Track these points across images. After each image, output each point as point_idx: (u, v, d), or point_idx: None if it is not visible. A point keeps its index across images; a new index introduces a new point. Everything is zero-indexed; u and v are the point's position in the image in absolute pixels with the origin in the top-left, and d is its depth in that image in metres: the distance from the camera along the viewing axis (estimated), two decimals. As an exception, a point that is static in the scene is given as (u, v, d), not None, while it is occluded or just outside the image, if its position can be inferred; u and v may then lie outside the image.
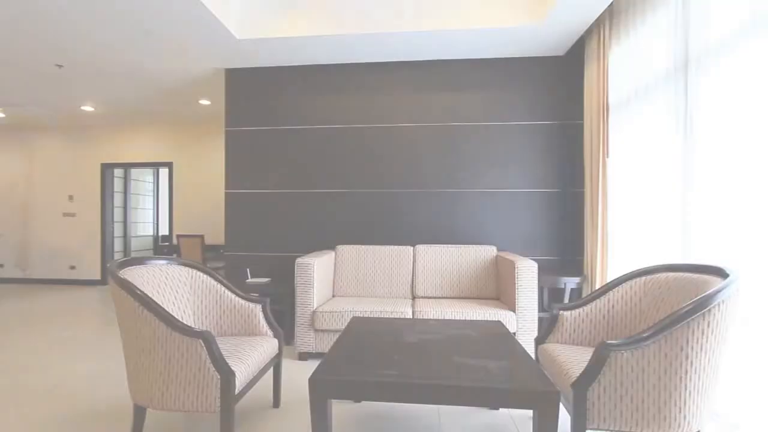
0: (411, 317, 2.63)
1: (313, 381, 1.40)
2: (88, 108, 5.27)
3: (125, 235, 6.99)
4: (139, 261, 1.83)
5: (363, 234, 3.60)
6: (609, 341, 1.39)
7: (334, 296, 3.25)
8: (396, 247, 3.34)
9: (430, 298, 3.17)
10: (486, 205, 3.51)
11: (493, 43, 3.27)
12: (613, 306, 1.94)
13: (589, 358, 1.46)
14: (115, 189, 6.57)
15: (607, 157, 2.90)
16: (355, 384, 1.40)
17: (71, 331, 3.61)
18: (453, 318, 2.65)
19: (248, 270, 3.42)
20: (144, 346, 1.58)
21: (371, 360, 1.57)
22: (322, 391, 1.41)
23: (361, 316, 2.68)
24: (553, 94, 3.48)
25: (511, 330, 2.67)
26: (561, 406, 1.39)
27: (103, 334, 3.55)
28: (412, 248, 3.34)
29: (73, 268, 6.27)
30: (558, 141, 3.48)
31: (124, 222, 6.97)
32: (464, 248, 3.27)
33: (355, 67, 3.64)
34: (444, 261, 3.23)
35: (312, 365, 2.76)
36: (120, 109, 5.32)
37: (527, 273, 2.68)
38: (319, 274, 2.88)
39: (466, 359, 1.57)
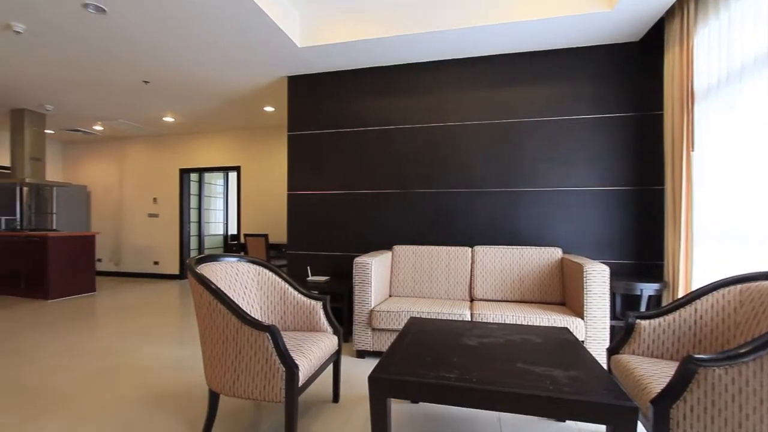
0: (469, 320, 2.57)
1: (372, 379, 1.42)
2: (168, 119, 5.82)
3: (199, 234, 7.61)
4: (214, 258, 1.98)
5: (420, 234, 3.58)
6: (697, 355, 1.25)
7: (390, 296, 3.27)
8: (453, 247, 3.28)
9: (489, 300, 3.08)
10: (550, 204, 3.33)
11: (558, 33, 3.09)
12: (701, 316, 1.74)
13: (671, 372, 1.33)
14: (191, 192, 7.18)
15: (693, 150, 2.61)
16: (414, 384, 1.40)
17: (156, 320, 4.00)
18: (514, 322, 2.55)
19: (308, 268, 3.56)
20: (218, 336, 1.71)
21: (430, 361, 1.55)
22: (381, 389, 1.42)
23: (418, 316, 2.67)
24: (626, 84, 3.21)
25: (579, 338, 2.50)
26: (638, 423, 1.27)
27: (182, 323, 3.89)
28: (470, 249, 3.26)
29: (156, 263, 6.96)
30: (632, 134, 3.20)
31: (199, 222, 7.60)
32: (526, 250, 3.12)
33: (412, 67, 3.64)
34: (504, 263, 3.11)
35: (369, 363, 2.81)
36: (195, 118, 5.82)
37: (597, 277, 2.50)
38: (376, 274, 2.91)
39: (531, 366, 1.50)
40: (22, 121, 5.32)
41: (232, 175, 8.42)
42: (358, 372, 2.65)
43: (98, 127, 6.39)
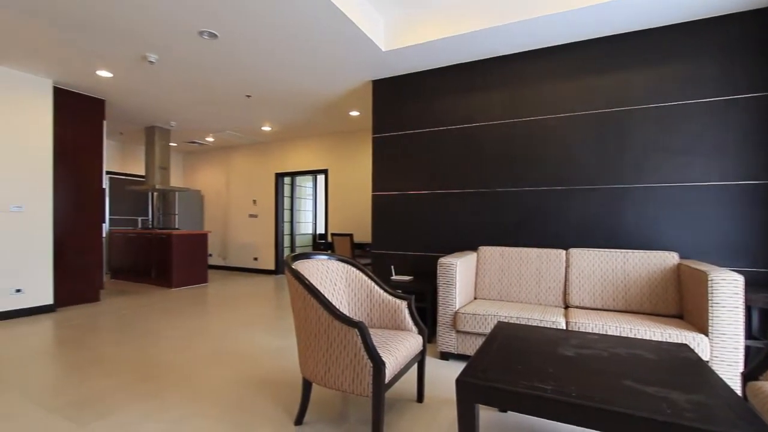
0: (564, 328, 2.37)
1: (461, 383, 1.39)
2: (266, 127, 6.40)
3: (292, 233, 8.23)
4: (307, 255, 2.12)
5: (505, 235, 3.42)
6: None
7: (476, 298, 3.17)
8: (545, 250, 3.06)
9: (587, 308, 2.81)
10: (661, 202, 2.93)
11: (673, 5, 2.71)
12: None
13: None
14: (285, 194, 7.79)
15: None
16: (505, 392, 1.33)
17: (256, 310, 4.42)
18: (618, 334, 2.29)
19: (392, 267, 3.62)
20: (311, 329, 1.82)
21: (522, 369, 1.47)
22: (469, 394, 1.38)
23: (506, 321, 2.55)
24: (761, 59, 2.69)
25: (702, 357, 2.16)
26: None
27: (279, 315, 4.24)
28: (564, 252, 3.02)
29: (256, 259, 7.69)
30: (773, 118, 2.67)
31: (291, 222, 8.22)
32: (632, 254, 2.79)
33: (495, 62, 3.49)
34: (605, 268, 2.82)
35: (454, 365, 2.76)
36: (288, 126, 6.30)
37: (727, 288, 2.13)
38: (461, 275, 2.85)
39: (641, 385, 1.33)
40: (153, 137, 6.29)
41: (320, 178, 8.95)
42: (442, 374, 2.62)
43: (210, 138, 7.28)
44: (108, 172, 7.39)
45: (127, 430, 1.90)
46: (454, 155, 3.65)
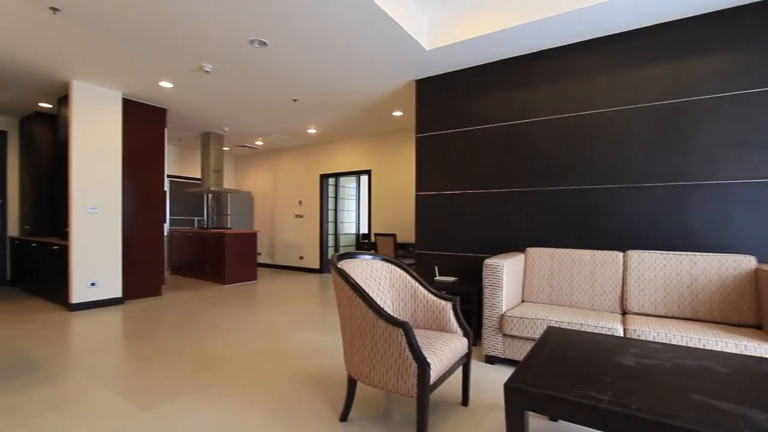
0: (622, 335, 2.23)
1: (509, 388, 1.34)
2: (311, 130, 6.58)
3: (335, 233, 8.39)
4: (352, 255, 2.15)
5: (554, 236, 3.27)
6: None
7: (523, 301, 3.06)
8: (600, 252, 2.89)
9: (648, 315, 2.62)
10: (734, 201, 2.66)
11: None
12: None
13: None
14: (329, 195, 7.97)
15: None
16: (557, 400, 1.27)
17: (302, 307, 4.56)
18: (685, 344, 2.11)
19: (436, 268, 3.59)
20: (356, 327, 1.84)
21: (575, 377, 1.39)
22: (518, 400, 1.33)
23: (557, 326, 2.43)
24: None
25: (785, 373, 1.93)
26: None
27: (324, 312, 4.34)
28: (621, 254, 2.83)
29: (301, 258, 7.93)
30: None
31: (335, 222, 8.39)
32: (702, 257, 2.56)
33: (544, 55, 3.34)
34: (669, 272, 2.61)
35: (500, 370, 2.68)
36: (332, 128, 6.44)
37: (815, 296, 1.89)
38: (508, 277, 2.76)
39: (713, 400, 1.21)
40: (208, 142, 6.68)
41: (364, 178, 9.06)
42: (488, 378, 2.56)
43: (259, 142, 7.61)
44: (168, 176, 7.95)
45: (186, 415, 2.03)
46: (500, 153, 3.55)
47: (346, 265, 2.05)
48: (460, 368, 2.66)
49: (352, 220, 9.03)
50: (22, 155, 5.88)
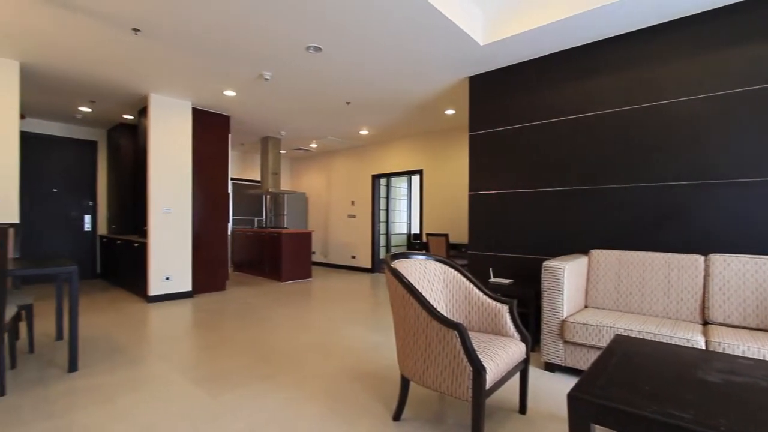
0: (703, 348, 2.01)
1: (573, 399, 1.26)
2: (363, 131, 6.68)
3: (387, 233, 8.46)
4: (405, 255, 2.15)
5: (620, 237, 3.03)
6: None
7: (586, 307, 2.87)
8: (676, 255, 2.63)
9: (735, 327, 2.34)
10: None
11: None
12: None
13: None
14: (381, 195, 8.05)
15: None
16: (629, 415, 1.17)
17: (355, 305, 4.65)
18: (781, 361, 1.86)
19: (490, 269, 3.48)
20: (409, 327, 1.84)
21: (649, 391, 1.28)
22: (583, 412, 1.25)
23: (625, 335, 2.25)
24: None
25: None
26: None
27: (376, 311, 4.39)
28: (702, 258, 2.55)
29: (354, 257, 8.09)
30: None
31: (387, 222, 8.46)
32: (800, 263, 2.24)
33: (605, 44, 3.11)
34: (761, 279, 2.31)
35: (561, 379, 2.54)
36: (384, 128, 6.50)
37: None
38: (569, 281, 2.61)
39: (824, 428, 1.05)
40: (267, 145, 7.03)
41: (415, 178, 9.04)
42: (547, 386, 2.43)
43: (313, 145, 7.88)
44: (231, 179, 8.49)
45: (247, 404, 2.15)
46: (560, 150, 3.36)
47: (399, 264, 2.06)
48: (518, 374, 2.55)
49: (403, 220, 9.04)
50: (109, 162, 6.58)
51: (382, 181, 8.20)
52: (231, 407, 2.13)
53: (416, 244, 6.58)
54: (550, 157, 3.41)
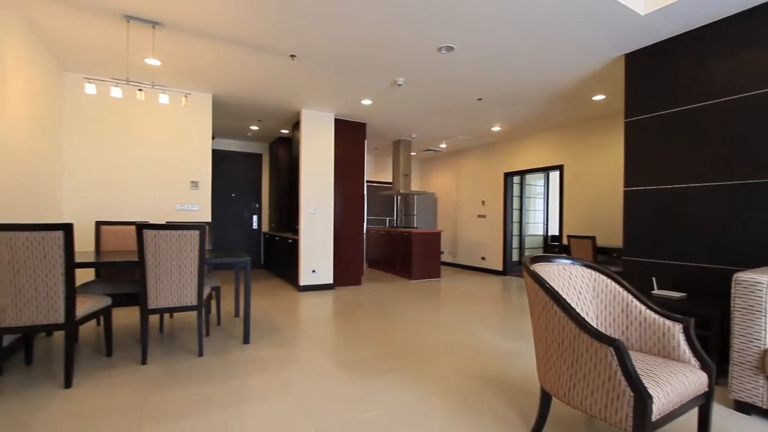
0: None
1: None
2: (496, 128, 6.41)
3: (520, 234, 7.94)
4: (546, 258, 1.97)
5: None
6: None
7: (803, 336, 2.17)
8: None
9: None
10: None
11: None
12: None
13: None
14: (514, 194, 7.60)
15: None
16: None
17: (485, 308, 4.48)
18: None
19: (654, 279, 2.93)
20: (552, 338, 1.67)
21: None
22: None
23: None
24: None
25: None
26: None
27: (507, 316, 4.16)
28: None
29: (483, 259, 7.82)
30: None
31: (520, 222, 7.94)
32: None
33: None
34: None
35: (758, 423, 1.98)
36: (518, 123, 6.11)
37: None
38: (774, 300, 2.01)
39: None
40: (398, 149, 7.35)
41: (553, 175, 8.27)
42: (737, 430, 1.92)
43: (443, 145, 7.91)
44: (366, 181, 9.13)
45: (382, 392, 2.26)
46: (748, 134, 2.62)
47: (540, 268, 1.89)
48: (695, 410, 2.09)
49: (539, 221, 8.37)
50: (270, 171, 7.79)
51: (515, 179, 7.73)
52: (368, 392, 2.27)
53: (554, 247, 5.99)
54: (734, 143, 2.68)
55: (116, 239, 3.62)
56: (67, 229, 2.26)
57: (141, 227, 2.61)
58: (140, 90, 3.23)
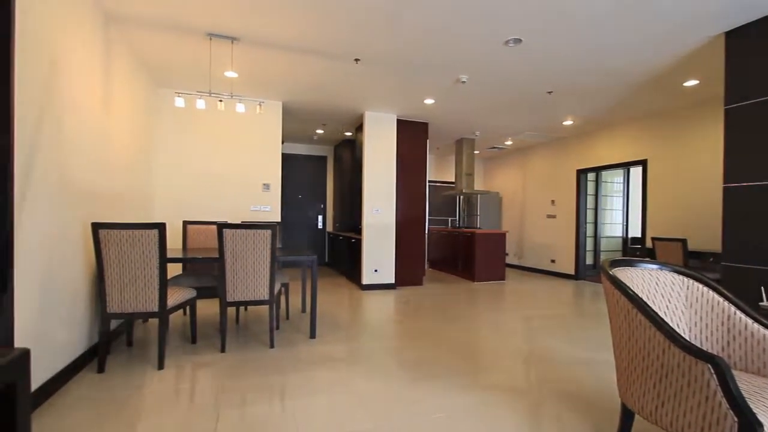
0: None
1: None
2: (568, 122, 6.00)
3: (595, 235, 7.35)
4: (629, 262, 1.79)
5: None
6: None
7: None
8: None
9: None
10: None
11: None
12: None
13: None
14: (588, 192, 7.06)
15: None
16: None
17: (555, 314, 4.21)
18: None
19: (762, 289, 2.54)
20: (636, 350, 1.52)
21: None
22: None
23: None
24: None
25: None
26: None
27: (581, 324, 3.86)
28: None
29: (552, 261, 7.37)
30: None
31: (595, 223, 7.35)
32: None
33: None
34: None
35: None
36: (593, 116, 5.66)
37: None
38: None
39: None
40: (461, 148, 7.19)
41: (634, 171, 7.55)
42: None
43: (508, 142, 7.59)
44: (428, 181, 9.06)
45: (445, 396, 2.22)
46: None
47: (621, 273, 1.73)
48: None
49: (617, 221, 7.68)
50: (334, 172, 8.06)
51: (590, 176, 7.17)
52: (429, 394, 2.24)
53: (636, 250, 5.44)
54: None
55: (199, 237, 3.98)
56: (161, 228, 2.54)
57: (221, 226, 2.84)
58: (221, 101, 3.53)
